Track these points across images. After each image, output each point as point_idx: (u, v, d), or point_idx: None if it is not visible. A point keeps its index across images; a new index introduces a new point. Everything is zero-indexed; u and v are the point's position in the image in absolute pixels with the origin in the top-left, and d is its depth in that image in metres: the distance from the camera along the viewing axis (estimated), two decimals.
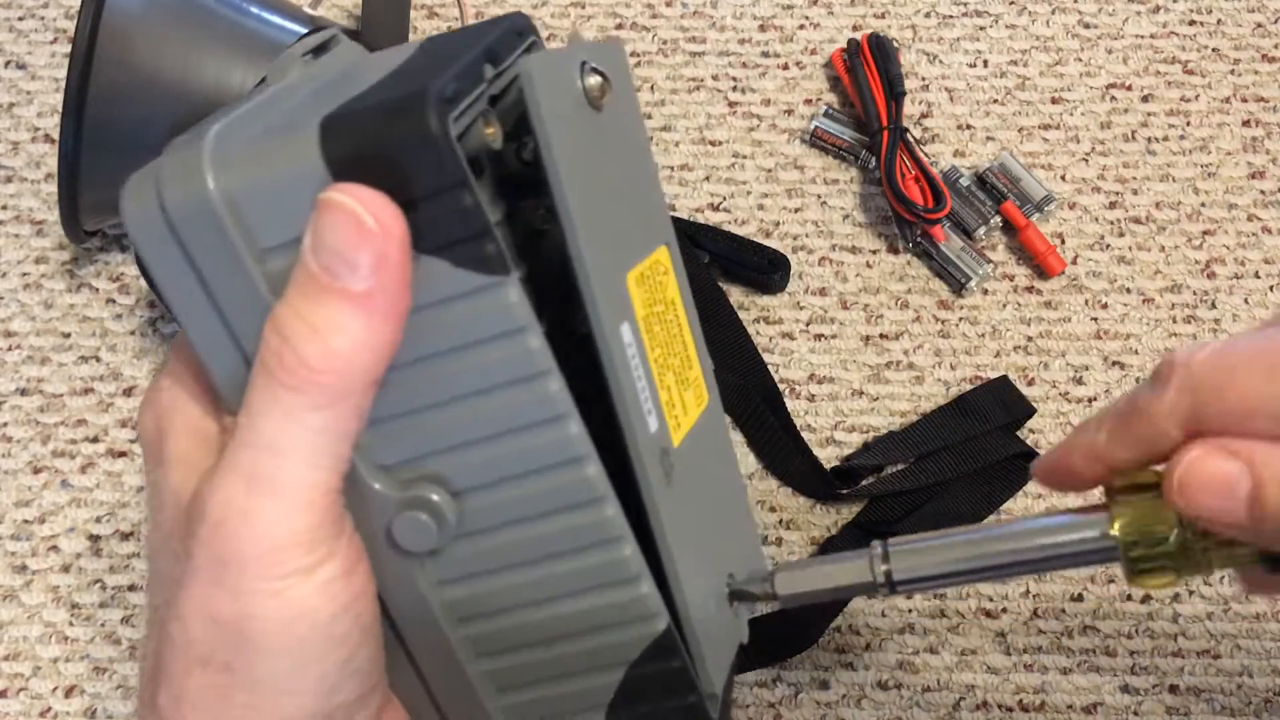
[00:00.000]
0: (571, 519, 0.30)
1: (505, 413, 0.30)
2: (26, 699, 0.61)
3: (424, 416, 0.30)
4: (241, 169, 0.29)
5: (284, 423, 0.27)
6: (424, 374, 0.29)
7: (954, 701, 0.61)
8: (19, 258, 0.72)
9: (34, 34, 0.78)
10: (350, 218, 0.26)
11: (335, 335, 0.27)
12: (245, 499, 0.27)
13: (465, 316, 0.28)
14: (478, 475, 0.30)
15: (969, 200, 0.71)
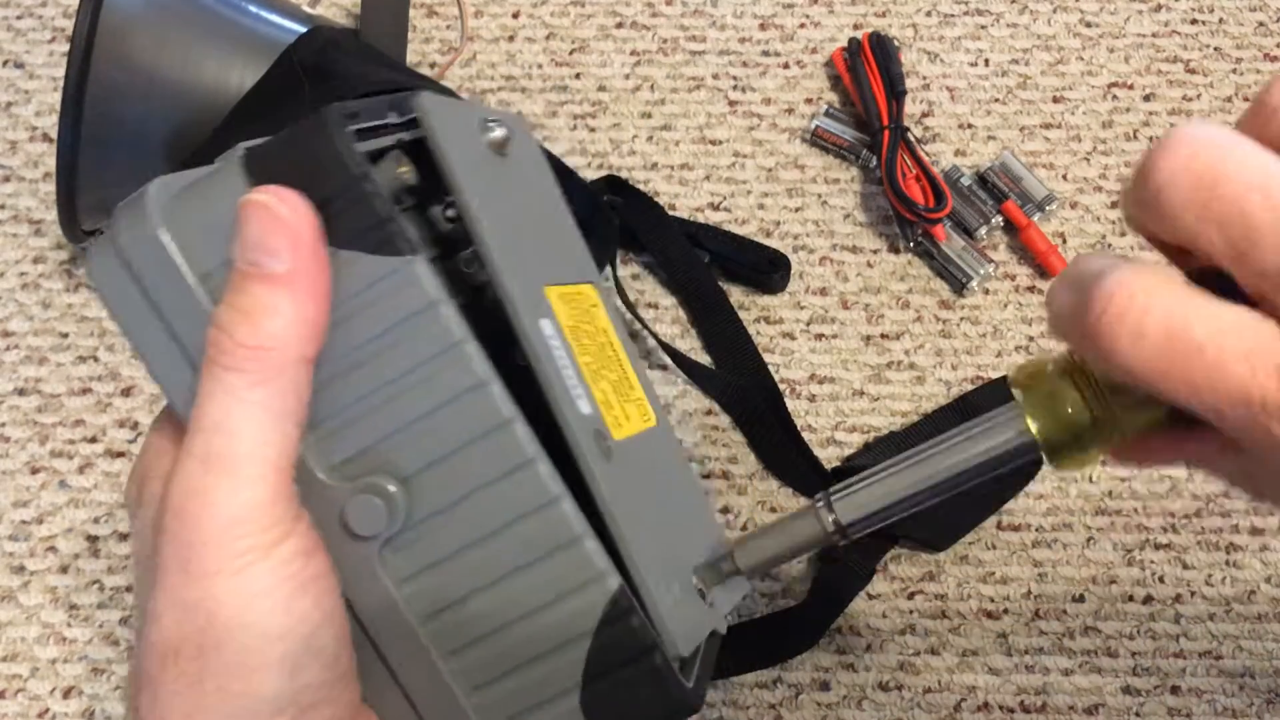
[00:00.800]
0: (508, 487, 0.31)
1: (432, 388, 0.31)
2: (25, 700, 0.61)
3: (363, 407, 0.32)
4: (181, 205, 0.32)
5: (228, 402, 0.29)
6: (356, 365, 0.32)
7: (955, 703, 0.60)
8: (17, 257, 0.72)
9: (32, 33, 0.78)
10: (264, 210, 0.30)
11: (264, 316, 0.30)
12: (201, 479, 0.29)
13: (382, 301, 0.31)
14: (419, 456, 0.32)
15: (970, 199, 0.71)
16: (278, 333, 0.30)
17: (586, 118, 0.75)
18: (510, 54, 0.77)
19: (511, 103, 0.76)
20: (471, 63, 0.77)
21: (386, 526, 0.32)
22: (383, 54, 0.68)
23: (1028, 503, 0.65)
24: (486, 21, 0.78)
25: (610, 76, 0.76)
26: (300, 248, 0.30)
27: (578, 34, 0.78)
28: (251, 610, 0.29)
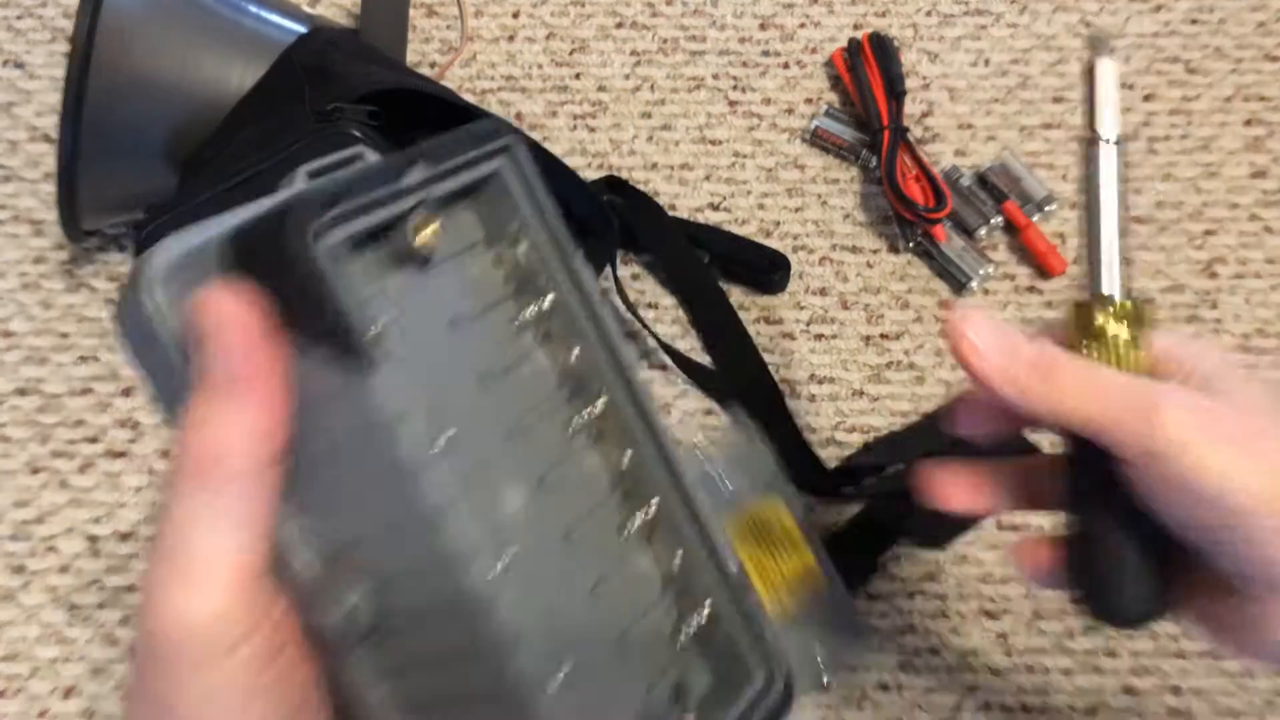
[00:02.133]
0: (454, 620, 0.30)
1: (388, 502, 0.30)
2: (25, 700, 0.61)
3: (336, 505, 0.31)
4: (178, 272, 0.31)
5: (188, 508, 0.29)
6: (331, 462, 0.31)
7: (955, 703, 0.60)
8: (17, 257, 0.72)
9: (32, 33, 0.78)
10: (198, 319, 0.29)
11: (211, 426, 0.29)
12: (166, 579, 0.29)
13: (343, 406, 0.30)
14: (384, 564, 0.31)
15: (970, 200, 0.71)
16: (228, 442, 0.29)
17: (586, 118, 0.75)
18: (510, 54, 0.77)
19: (511, 103, 0.76)
20: (471, 63, 0.77)
21: (352, 629, 0.31)
22: (383, 54, 0.68)
23: None
24: (486, 21, 0.78)
25: (610, 76, 0.76)
26: (239, 357, 0.29)
27: (578, 34, 0.78)
28: (207, 710, 0.29)
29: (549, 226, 0.33)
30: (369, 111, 0.58)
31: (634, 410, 0.34)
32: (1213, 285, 0.70)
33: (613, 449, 0.34)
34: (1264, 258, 0.71)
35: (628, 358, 0.34)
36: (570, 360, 0.34)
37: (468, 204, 0.33)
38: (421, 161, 0.31)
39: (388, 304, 0.32)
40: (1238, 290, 0.70)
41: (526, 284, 0.34)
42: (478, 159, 0.32)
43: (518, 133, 0.33)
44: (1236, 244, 0.71)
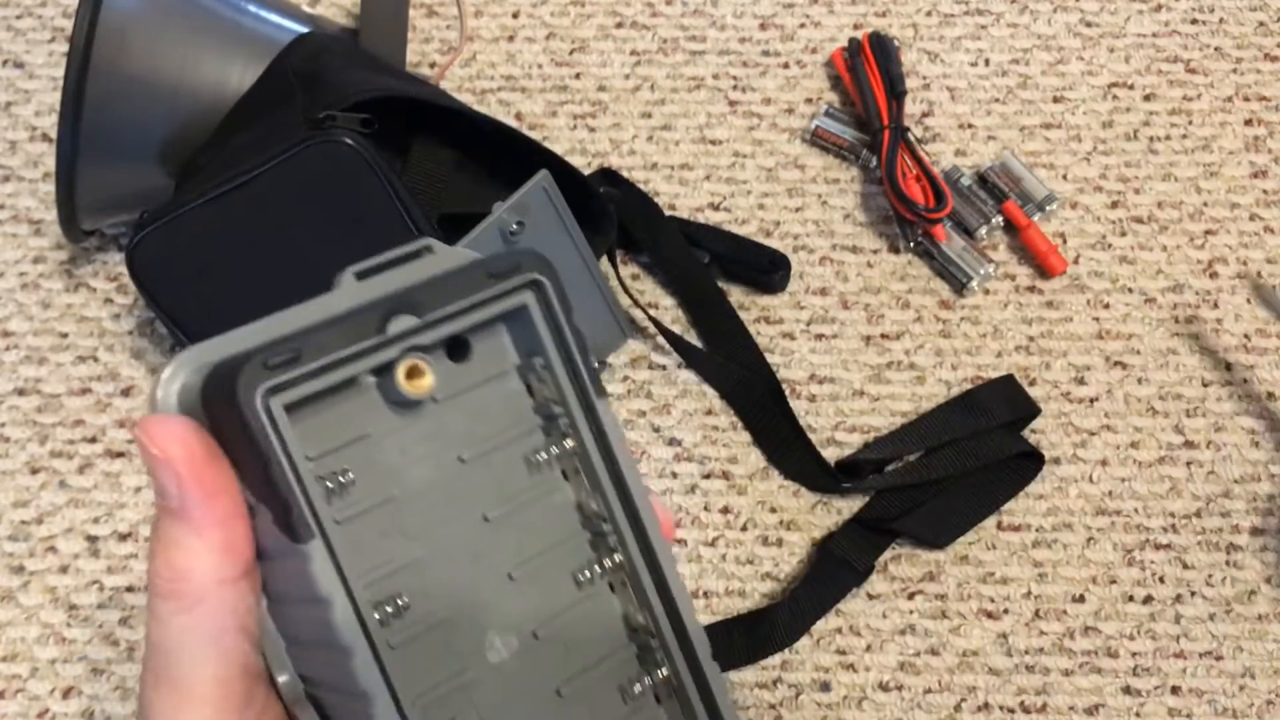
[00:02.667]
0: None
1: (325, 667, 0.30)
2: (24, 700, 0.61)
3: (291, 643, 0.32)
4: (182, 393, 0.31)
5: (161, 627, 0.30)
6: (285, 604, 0.31)
7: (955, 703, 0.60)
8: (16, 257, 0.72)
9: (31, 33, 0.78)
10: (142, 448, 0.30)
11: (172, 548, 0.30)
12: (152, 693, 0.31)
13: (289, 568, 0.30)
14: (336, 712, 0.31)
15: (970, 199, 0.71)
16: (187, 564, 0.30)
17: (586, 117, 0.75)
18: (510, 54, 0.77)
19: (511, 103, 0.76)
20: (471, 63, 0.77)
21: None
22: (376, 59, 0.68)
23: (1028, 503, 0.65)
24: (486, 21, 0.78)
25: (610, 76, 0.76)
26: (184, 486, 0.30)
27: (578, 34, 0.78)
28: None
29: (573, 368, 0.32)
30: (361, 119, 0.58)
31: (648, 568, 0.32)
32: (1213, 285, 0.70)
33: (628, 604, 0.33)
34: (1264, 257, 0.71)
35: (648, 515, 0.32)
36: (589, 507, 0.32)
37: (502, 327, 0.32)
38: (409, 311, 0.30)
39: (375, 447, 0.31)
40: (1238, 290, 0.70)
41: (551, 421, 0.33)
42: (491, 298, 0.31)
43: (545, 263, 0.31)
44: (1237, 244, 0.71)
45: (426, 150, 0.66)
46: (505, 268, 0.31)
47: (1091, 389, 0.68)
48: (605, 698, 0.32)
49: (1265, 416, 0.67)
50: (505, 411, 0.32)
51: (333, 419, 0.30)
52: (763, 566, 0.64)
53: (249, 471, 0.30)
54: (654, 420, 0.67)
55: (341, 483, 0.30)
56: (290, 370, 0.28)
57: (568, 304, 0.32)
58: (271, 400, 0.28)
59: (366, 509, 0.30)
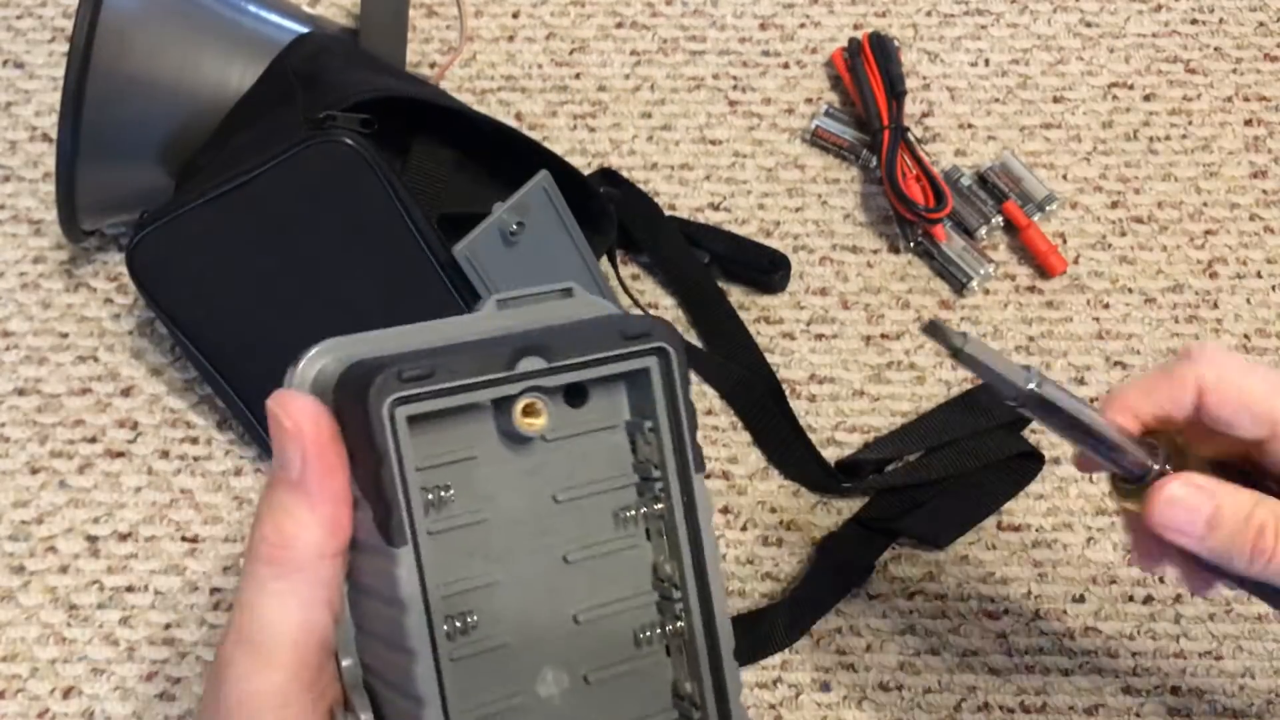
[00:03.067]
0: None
1: (394, 668, 0.32)
2: (24, 700, 0.61)
3: (365, 634, 0.33)
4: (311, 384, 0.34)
5: (256, 589, 0.32)
6: (367, 596, 0.33)
7: (955, 703, 0.60)
8: (16, 257, 0.72)
9: (32, 33, 0.78)
10: (275, 419, 0.32)
11: (283, 515, 0.32)
12: (233, 650, 0.32)
13: (378, 566, 0.32)
14: (388, 708, 0.33)
15: (970, 200, 0.71)
16: (294, 533, 0.32)
17: (586, 118, 0.75)
18: (510, 54, 0.77)
19: (511, 103, 0.76)
20: (471, 63, 0.77)
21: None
22: (376, 59, 0.68)
23: (1028, 503, 0.65)
24: (486, 21, 0.78)
25: (610, 76, 0.76)
26: (308, 461, 0.32)
27: (578, 34, 0.78)
28: None
29: (679, 438, 0.33)
30: (361, 119, 0.58)
31: (706, 641, 0.33)
32: (1213, 285, 0.70)
33: (679, 669, 0.34)
34: (1264, 257, 0.71)
35: (718, 591, 0.33)
36: (664, 571, 0.34)
37: (621, 384, 0.34)
38: (540, 354, 0.32)
39: (479, 471, 0.32)
40: (1238, 290, 0.70)
41: (647, 482, 0.34)
42: (618, 357, 0.33)
43: (675, 335, 0.33)
44: (1237, 244, 0.71)
45: (426, 150, 0.66)
46: (638, 331, 0.33)
47: (1092, 389, 0.68)
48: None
49: None
50: (606, 463, 0.34)
51: (446, 437, 0.32)
52: (763, 566, 0.64)
53: (361, 467, 0.31)
54: None
55: (442, 497, 0.32)
56: (421, 385, 0.30)
57: (687, 377, 0.33)
58: (398, 410, 0.30)
59: (458, 526, 0.32)
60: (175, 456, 0.66)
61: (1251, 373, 0.42)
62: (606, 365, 0.33)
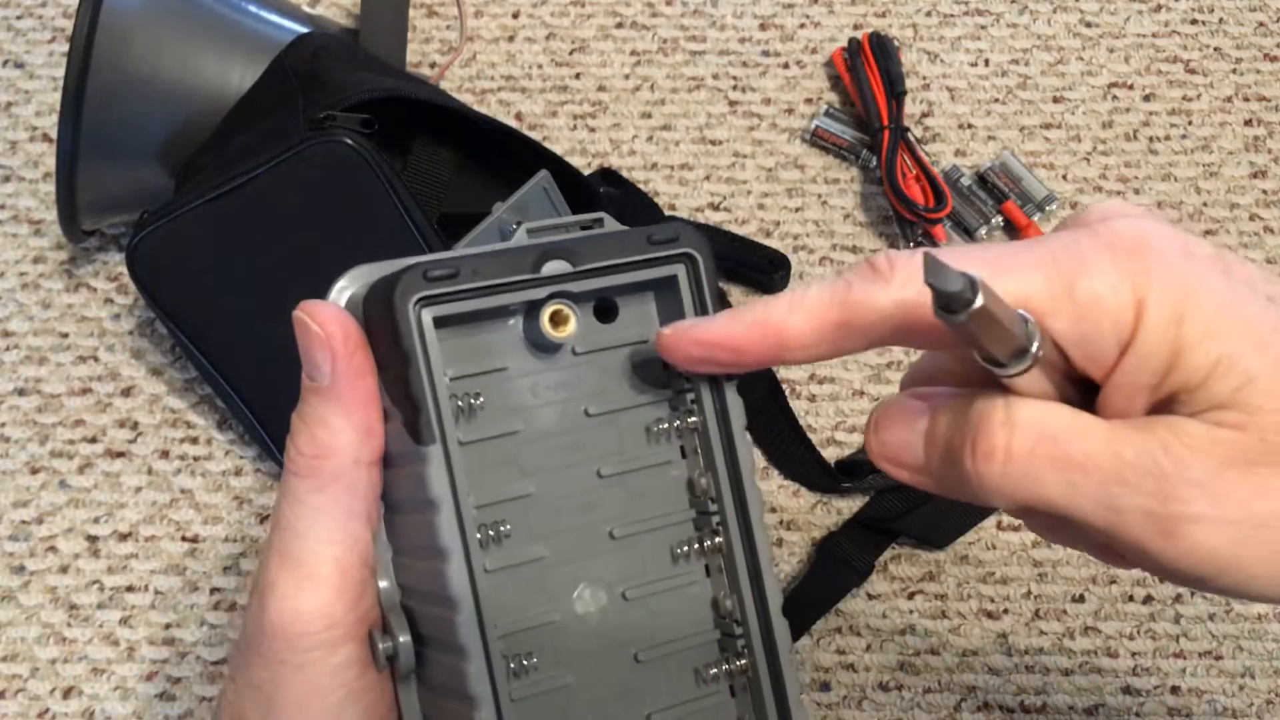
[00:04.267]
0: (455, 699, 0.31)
1: (430, 575, 0.31)
2: (24, 700, 0.61)
3: (401, 552, 0.33)
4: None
5: (295, 505, 0.32)
6: (399, 512, 0.33)
7: (955, 703, 0.60)
8: (17, 257, 0.72)
9: (32, 33, 0.78)
10: (303, 326, 0.32)
11: (317, 425, 0.32)
12: (275, 572, 0.32)
13: (410, 470, 0.31)
14: (423, 627, 0.33)
15: (970, 200, 0.71)
16: (329, 441, 0.32)
17: (586, 118, 0.75)
18: (510, 54, 0.77)
19: (511, 103, 0.76)
20: (471, 63, 0.77)
21: (394, 668, 0.33)
22: (376, 59, 0.68)
23: None
24: (486, 21, 0.78)
25: (610, 76, 0.76)
26: (338, 363, 0.31)
27: (578, 34, 0.78)
28: (305, 709, 0.31)
29: None
30: (362, 119, 0.58)
31: (746, 555, 0.33)
32: None
33: (719, 587, 0.33)
34: (1264, 257, 0.71)
35: (754, 500, 0.33)
36: (700, 485, 0.33)
37: (650, 297, 0.34)
38: (565, 258, 0.32)
39: (510, 383, 0.32)
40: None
41: (679, 395, 0.33)
42: (647, 262, 0.32)
43: (703, 240, 0.33)
44: (1236, 244, 0.71)
45: (426, 150, 0.66)
46: (666, 236, 0.32)
47: None
48: (680, 675, 0.33)
49: None
50: (638, 378, 0.33)
51: (476, 346, 0.32)
52: None
53: (390, 374, 0.31)
54: None
55: (473, 405, 0.32)
56: (445, 285, 0.30)
57: (716, 283, 0.33)
58: (424, 310, 0.30)
59: (490, 437, 0.32)
60: (175, 456, 0.66)
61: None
62: (633, 271, 0.32)
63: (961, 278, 0.25)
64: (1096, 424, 0.28)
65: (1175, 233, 0.28)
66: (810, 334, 0.29)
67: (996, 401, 0.28)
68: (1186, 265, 0.27)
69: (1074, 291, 0.27)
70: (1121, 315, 0.27)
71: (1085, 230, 0.28)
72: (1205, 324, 0.27)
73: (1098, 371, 0.28)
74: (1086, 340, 0.27)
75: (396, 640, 0.32)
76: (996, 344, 0.26)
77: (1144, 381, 0.27)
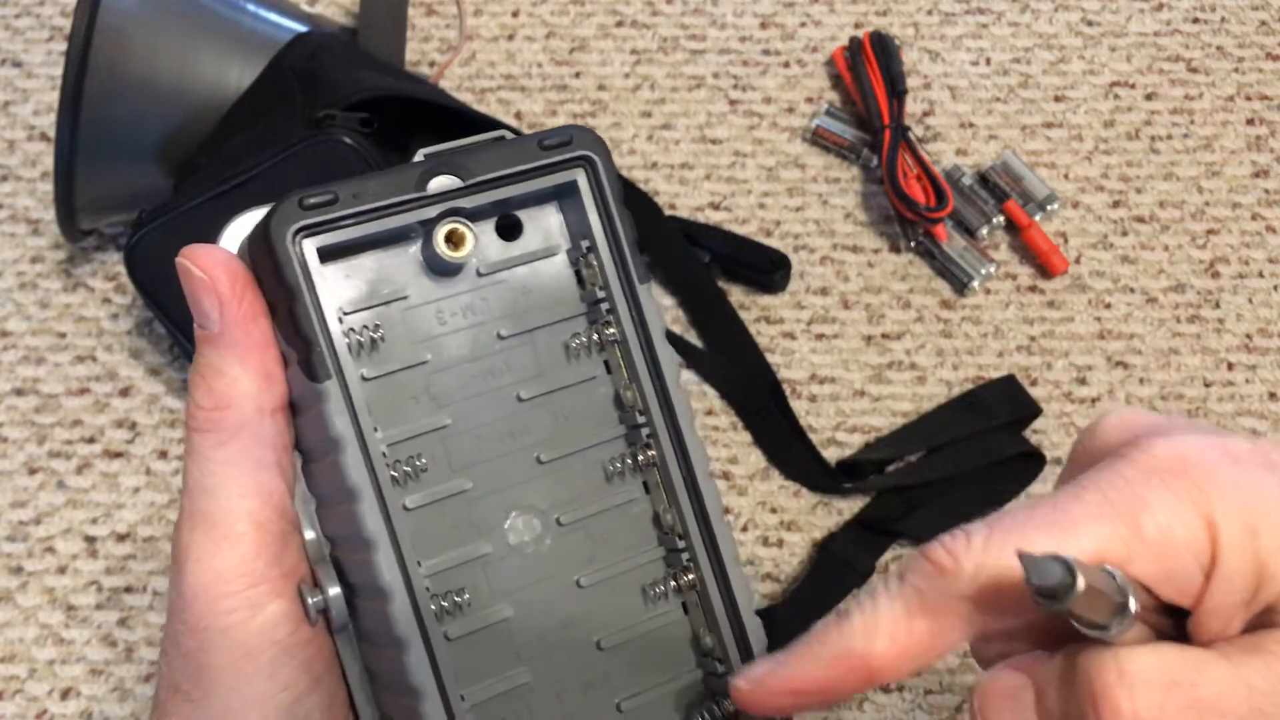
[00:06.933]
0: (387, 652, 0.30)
1: (343, 519, 0.30)
2: (23, 701, 0.61)
3: (317, 499, 0.32)
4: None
5: (201, 463, 0.30)
6: (308, 459, 0.32)
7: (956, 704, 0.60)
8: (14, 257, 0.71)
9: (30, 32, 0.78)
10: (186, 272, 0.30)
11: (212, 376, 0.30)
12: (189, 535, 0.30)
13: (310, 412, 0.30)
14: (350, 574, 0.31)
15: (971, 199, 0.71)
16: (227, 391, 0.30)
17: (586, 116, 0.75)
18: (510, 53, 0.77)
19: (511, 101, 0.75)
20: (471, 61, 0.77)
21: (328, 621, 0.31)
22: (374, 58, 0.68)
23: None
24: (486, 20, 0.78)
25: (610, 75, 0.76)
26: (225, 306, 0.30)
27: (577, 33, 0.77)
28: (236, 671, 0.30)
29: (619, 251, 0.31)
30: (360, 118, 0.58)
31: (680, 464, 0.31)
32: (1215, 285, 0.70)
33: (658, 503, 0.32)
34: (1266, 257, 0.71)
35: (683, 407, 0.31)
36: (626, 398, 0.32)
37: (555, 206, 0.32)
38: (451, 171, 0.30)
39: (413, 312, 0.31)
40: (1240, 290, 0.70)
41: (595, 307, 0.32)
42: (541, 169, 0.31)
43: (599, 142, 0.31)
44: (1239, 243, 0.71)
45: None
46: (558, 140, 0.30)
47: (1093, 389, 0.67)
48: (626, 595, 0.31)
49: (1267, 416, 0.67)
50: (550, 294, 0.32)
51: (372, 275, 0.30)
52: (763, 567, 0.64)
53: (280, 316, 0.30)
54: None
55: (373, 339, 0.30)
56: (325, 212, 0.29)
57: (618, 185, 0.31)
58: (305, 242, 0.29)
59: (396, 369, 0.30)
60: (174, 457, 0.66)
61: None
62: (528, 181, 0.30)
63: (1059, 567, 0.24)
64: (1212, 658, 0.27)
65: (1207, 438, 0.28)
66: (899, 656, 0.28)
67: (1105, 658, 0.26)
68: (1237, 472, 0.27)
69: (1143, 531, 0.26)
70: (1197, 542, 0.26)
71: (1122, 461, 0.28)
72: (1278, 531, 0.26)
73: (1186, 600, 0.27)
74: (1172, 576, 0.27)
75: (326, 593, 0.31)
76: (1097, 612, 0.26)
77: (1237, 600, 0.27)
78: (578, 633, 0.31)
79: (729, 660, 0.31)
